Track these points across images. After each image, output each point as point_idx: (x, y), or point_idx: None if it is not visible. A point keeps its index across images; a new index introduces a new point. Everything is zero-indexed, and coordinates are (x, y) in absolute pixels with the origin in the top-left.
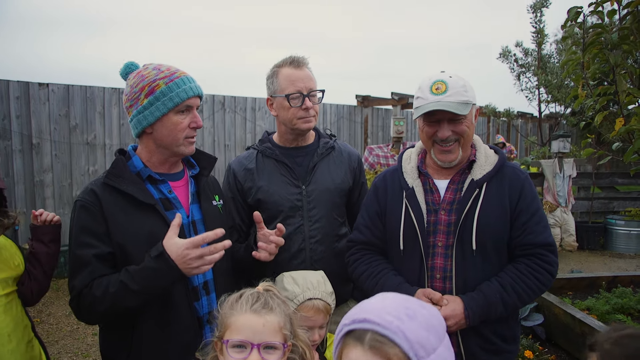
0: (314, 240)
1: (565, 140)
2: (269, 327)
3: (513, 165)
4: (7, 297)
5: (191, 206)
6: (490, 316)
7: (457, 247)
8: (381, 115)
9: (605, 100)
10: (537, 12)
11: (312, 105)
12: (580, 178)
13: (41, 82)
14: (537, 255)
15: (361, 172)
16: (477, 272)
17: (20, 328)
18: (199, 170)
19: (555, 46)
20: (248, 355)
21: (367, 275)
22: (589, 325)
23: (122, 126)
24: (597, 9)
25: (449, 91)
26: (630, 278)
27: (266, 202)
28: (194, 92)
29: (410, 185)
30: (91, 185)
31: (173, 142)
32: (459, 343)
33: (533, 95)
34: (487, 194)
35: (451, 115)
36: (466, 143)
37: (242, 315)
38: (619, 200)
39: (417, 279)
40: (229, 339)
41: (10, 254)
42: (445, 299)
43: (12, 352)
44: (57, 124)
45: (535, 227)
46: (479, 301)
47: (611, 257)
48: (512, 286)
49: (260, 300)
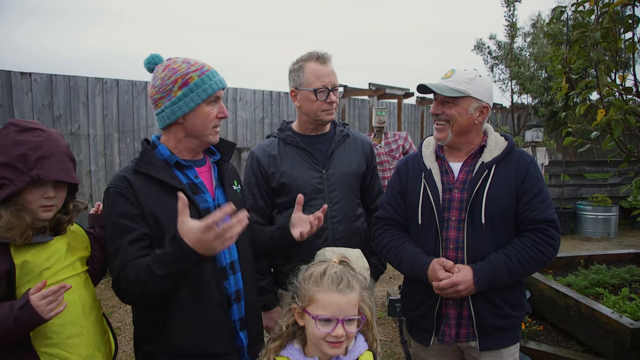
0: (335, 220)
1: (539, 130)
2: (351, 304)
3: (520, 150)
4: (85, 274)
5: (216, 190)
6: (497, 283)
7: (468, 221)
8: (358, 105)
9: (587, 93)
10: (511, 6)
11: (335, 99)
12: (552, 166)
13: (23, 72)
14: (541, 230)
15: (372, 157)
16: (486, 243)
17: (96, 304)
18: (220, 156)
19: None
20: (334, 328)
21: (389, 247)
22: (572, 298)
23: (106, 116)
24: (578, 9)
25: (452, 77)
26: (604, 257)
27: (290, 186)
28: (222, 84)
29: (428, 167)
30: (122, 173)
31: (203, 131)
32: (470, 307)
33: (506, 86)
34: (496, 175)
35: (443, 96)
36: (456, 128)
37: (330, 294)
38: (587, 187)
39: (433, 250)
40: (318, 314)
41: (81, 237)
42: (457, 267)
43: (93, 324)
44: (40, 114)
45: (538, 205)
46: (487, 269)
47: (580, 241)
48: (517, 257)
49: (344, 280)
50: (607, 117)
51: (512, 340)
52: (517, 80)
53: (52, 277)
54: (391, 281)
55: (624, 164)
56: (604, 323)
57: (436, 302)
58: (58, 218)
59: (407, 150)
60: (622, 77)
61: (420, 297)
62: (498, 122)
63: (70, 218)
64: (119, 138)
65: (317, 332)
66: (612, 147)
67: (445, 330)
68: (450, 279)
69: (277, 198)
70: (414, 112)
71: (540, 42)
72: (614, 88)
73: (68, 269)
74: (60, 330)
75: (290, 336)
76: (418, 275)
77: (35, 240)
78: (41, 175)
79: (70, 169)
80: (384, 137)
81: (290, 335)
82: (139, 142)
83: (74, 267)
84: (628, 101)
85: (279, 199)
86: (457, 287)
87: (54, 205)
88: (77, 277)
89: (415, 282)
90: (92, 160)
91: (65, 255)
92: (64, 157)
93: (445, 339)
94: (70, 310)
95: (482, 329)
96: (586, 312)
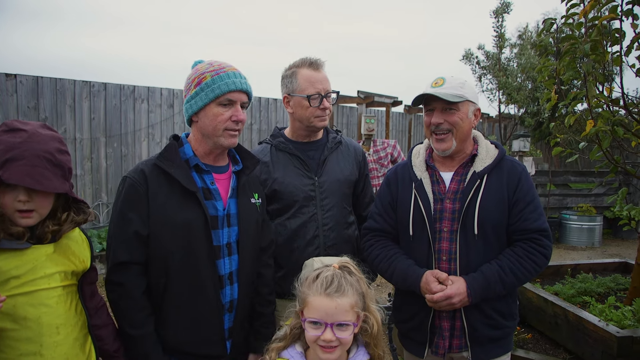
0: (326, 227)
1: (525, 139)
2: (340, 309)
3: (512, 159)
4: (64, 289)
5: (229, 200)
6: (490, 294)
7: (460, 232)
8: (346, 113)
9: (576, 104)
10: (499, 17)
11: (329, 105)
12: (538, 176)
13: (8, 73)
14: (533, 240)
15: (365, 164)
16: (478, 254)
17: (72, 323)
18: (242, 167)
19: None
20: (322, 332)
21: (381, 258)
22: (560, 306)
23: (93, 120)
24: (568, 21)
25: (446, 84)
26: (589, 266)
27: (282, 193)
28: (237, 86)
29: (419, 177)
30: (142, 165)
31: (213, 132)
32: (463, 319)
33: (494, 96)
34: (488, 185)
35: (444, 104)
36: (460, 135)
37: (317, 297)
38: (572, 197)
39: (426, 261)
40: (307, 316)
41: (78, 249)
42: (450, 280)
43: (57, 345)
44: (25, 116)
45: (530, 214)
46: (480, 281)
47: (565, 250)
48: (509, 267)
49: (334, 283)
50: (595, 128)
51: (504, 349)
52: (505, 91)
53: (20, 287)
54: (379, 289)
55: (611, 174)
56: (591, 331)
57: (429, 314)
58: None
59: (395, 158)
60: (609, 89)
61: (413, 309)
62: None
63: (61, 228)
64: (105, 142)
65: (309, 335)
66: (599, 157)
67: (439, 343)
68: (444, 292)
69: (269, 205)
70: (401, 121)
71: (527, 53)
72: (602, 99)
73: (42, 281)
74: (14, 345)
75: (294, 338)
76: (411, 287)
77: (4, 245)
78: (4, 177)
79: (41, 175)
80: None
81: (295, 337)
82: (126, 147)
83: (51, 280)
84: (615, 112)
85: (271, 206)
86: (450, 300)
87: (32, 211)
88: (50, 291)
89: (408, 294)
90: (78, 164)
91: (43, 266)
92: (37, 161)
93: (440, 351)
94: (30, 327)
95: (474, 339)
96: (573, 320)
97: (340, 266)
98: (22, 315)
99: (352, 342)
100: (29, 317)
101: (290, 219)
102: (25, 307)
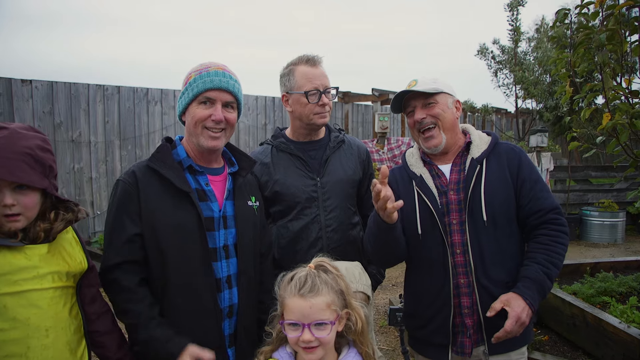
0: (330, 229)
1: (543, 134)
2: (316, 309)
3: (507, 142)
4: (56, 291)
5: (225, 202)
6: (544, 293)
7: (469, 221)
8: (361, 111)
9: (592, 97)
10: (514, 11)
11: (328, 101)
12: (557, 171)
13: (24, 79)
14: (551, 221)
15: (369, 164)
16: (490, 242)
17: (63, 326)
18: (237, 168)
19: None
20: (301, 333)
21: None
22: (578, 307)
23: (107, 123)
24: (582, 11)
25: (419, 83)
26: (611, 264)
27: (283, 194)
28: (214, 84)
29: (418, 174)
30: (134, 167)
31: (193, 132)
32: (479, 314)
33: (510, 91)
34: (489, 170)
35: (423, 101)
36: (445, 125)
37: (292, 298)
38: (593, 193)
39: (442, 258)
40: (286, 318)
41: (73, 250)
42: (502, 302)
43: (44, 348)
44: (41, 121)
45: (540, 193)
46: (530, 287)
47: (586, 247)
48: (546, 259)
49: (307, 283)
50: (613, 122)
51: (522, 342)
52: (522, 85)
53: (9, 286)
54: (394, 289)
55: (630, 168)
56: (611, 333)
57: (449, 313)
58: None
59: None
60: (627, 80)
61: (429, 312)
62: (503, 128)
63: (52, 227)
64: (120, 145)
65: (289, 337)
66: (617, 152)
67: (464, 342)
68: (510, 318)
69: (270, 207)
70: None
71: (544, 46)
72: (619, 92)
73: (33, 281)
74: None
75: (282, 341)
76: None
77: None
78: None
79: (17, 167)
80: (386, 143)
81: (282, 340)
82: (140, 149)
83: (43, 281)
84: (634, 105)
85: (272, 208)
86: (520, 320)
87: (19, 214)
88: (42, 293)
89: (421, 296)
90: (93, 168)
91: (36, 266)
92: (14, 155)
93: (466, 350)
94: (18, 327)
95: (492, 333)
96: (593, 322)
97: (316, 265)
98: (11, 316)
99: (343, 342)
100: (18, 317)
101: (293, 220)
102: (15, 307)
